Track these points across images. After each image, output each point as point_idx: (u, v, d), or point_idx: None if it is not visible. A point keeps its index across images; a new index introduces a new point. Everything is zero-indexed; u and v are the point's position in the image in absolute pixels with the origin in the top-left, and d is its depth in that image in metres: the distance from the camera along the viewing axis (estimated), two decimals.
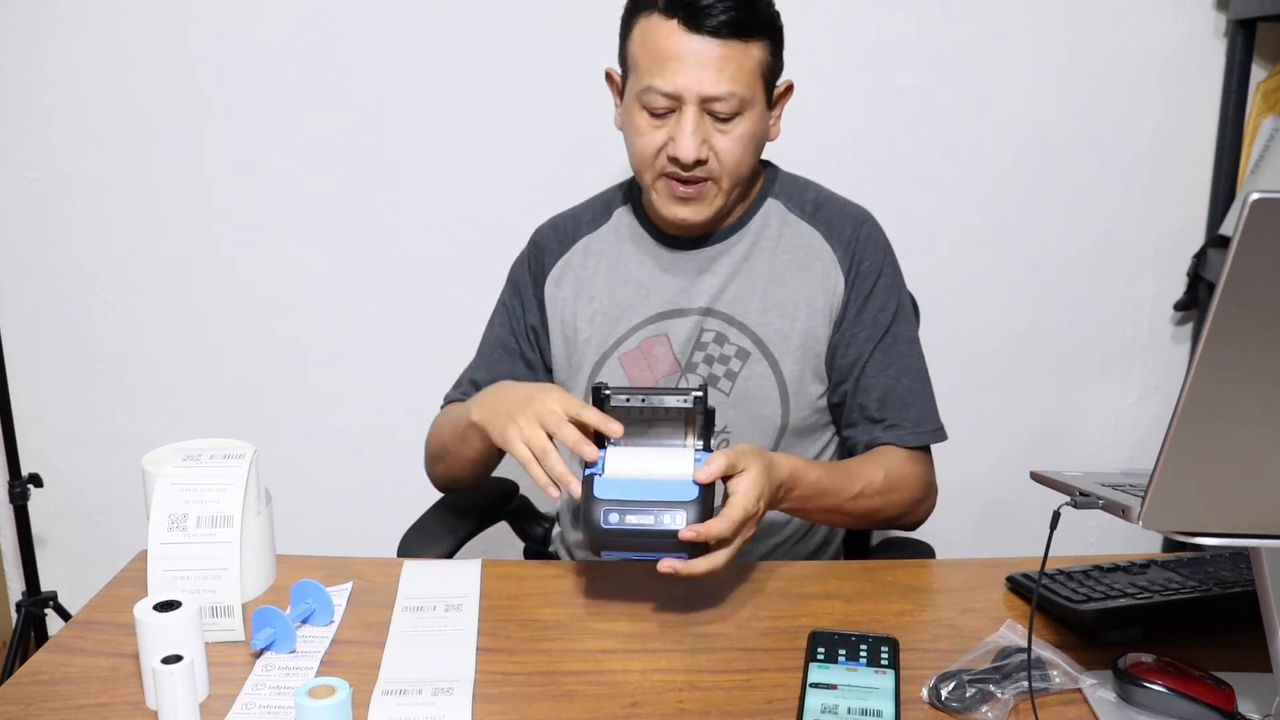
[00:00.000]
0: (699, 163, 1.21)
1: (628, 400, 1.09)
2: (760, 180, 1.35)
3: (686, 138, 1.19)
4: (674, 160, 1.21)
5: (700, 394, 1.08)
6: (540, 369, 1.40)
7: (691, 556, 1.01)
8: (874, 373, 1.30)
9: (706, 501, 1.02)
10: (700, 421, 1.10)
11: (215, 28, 1.91)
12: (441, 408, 1.41)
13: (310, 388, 2.08)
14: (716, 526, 1.00)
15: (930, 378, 1.35)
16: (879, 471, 1.24)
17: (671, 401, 1.09)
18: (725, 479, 1.05)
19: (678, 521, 1.00)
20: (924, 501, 1.31)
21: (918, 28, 1.93)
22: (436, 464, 1.36)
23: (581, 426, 1.06)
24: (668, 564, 1.01)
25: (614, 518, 1.01)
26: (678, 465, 1.05)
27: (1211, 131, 1.99)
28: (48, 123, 1.96)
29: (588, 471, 1.05)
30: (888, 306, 1.31)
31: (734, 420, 1.31)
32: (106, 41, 1.92)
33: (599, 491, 1.03)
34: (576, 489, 1.04)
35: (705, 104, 1.19)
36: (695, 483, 1.03)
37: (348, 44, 1.93)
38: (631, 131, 1.24)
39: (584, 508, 1.03)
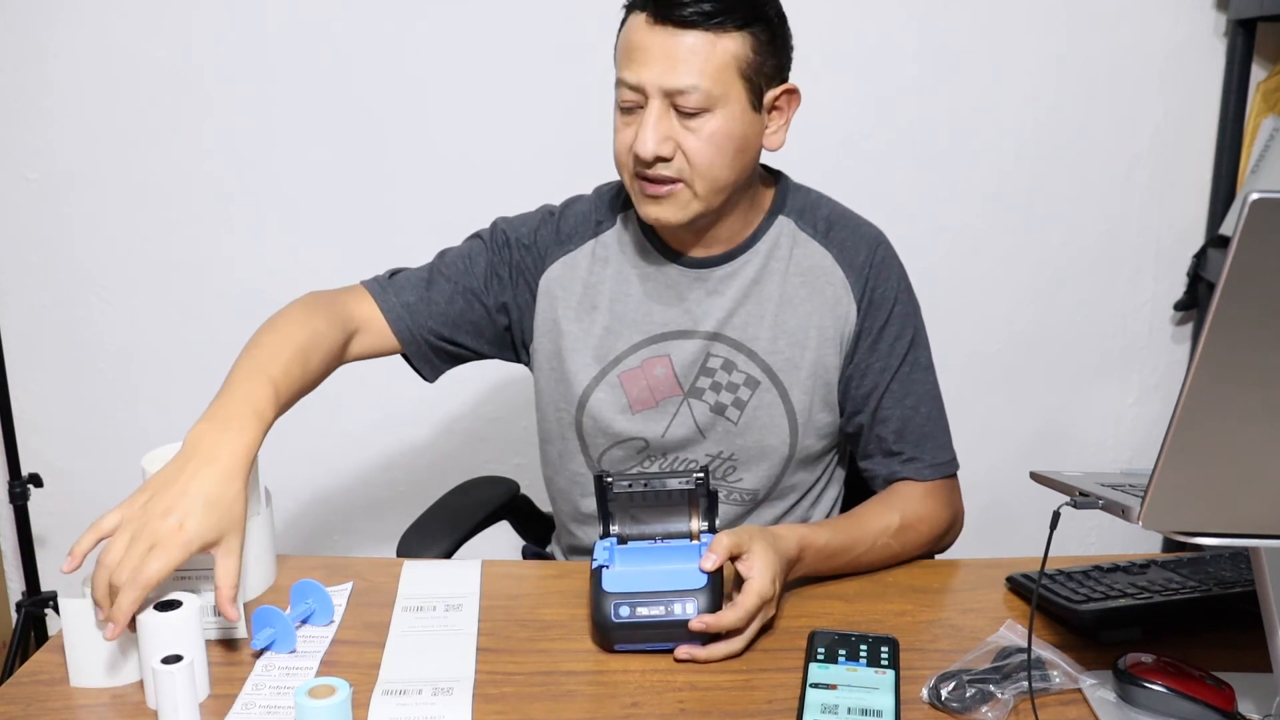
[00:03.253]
0: (661, 160, 1.16)
1: (630, 486, 1.09)
2: (770, 195, 1.30)
3: (646, 131, 1.14)
4: (637, 158, 1.17)
5: (701, 476, 1.09)
6: (487, 333, 1.32)
7: (706, 643, 1.01)
8: (891, 404, 1.27)
9: (716, 587, 1.02)
10: (704, 504, 1.10)
11: (215, 28, 1.91)
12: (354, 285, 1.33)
13: None
14: (728, 617, 1.00)
15: (944, 403, 1.32)
16: (894, 516, 1.21)
17: (674, 484, 1.09)
18: (733, 558, 1.04)
19: (689, 611, 1.00)
20: (948, 533, 1.28)
21: (918, 28, 1.93)
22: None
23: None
24: (685, 650, 1.00)
25: (625, 611, 1.00)
26: (683, 555, 1.05)
27: (1211, 131, 1.99)
28: (48, 123, 1.96)
29: (595, 565, 1.05)
30: (904, 335, 1.27)
31: (741, 449, 1.27)
32: (107, 42, 1.91)
33: (608, 585, 1.02)
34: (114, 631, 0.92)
35: (670, 98, 1.14)
36: (702, 571, 1.03)
37: (348, 44, 1.93)
38: (614, 132, 1.21)
39: (594, 602, 1.02)
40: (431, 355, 1.32)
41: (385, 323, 1.29)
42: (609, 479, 1.09)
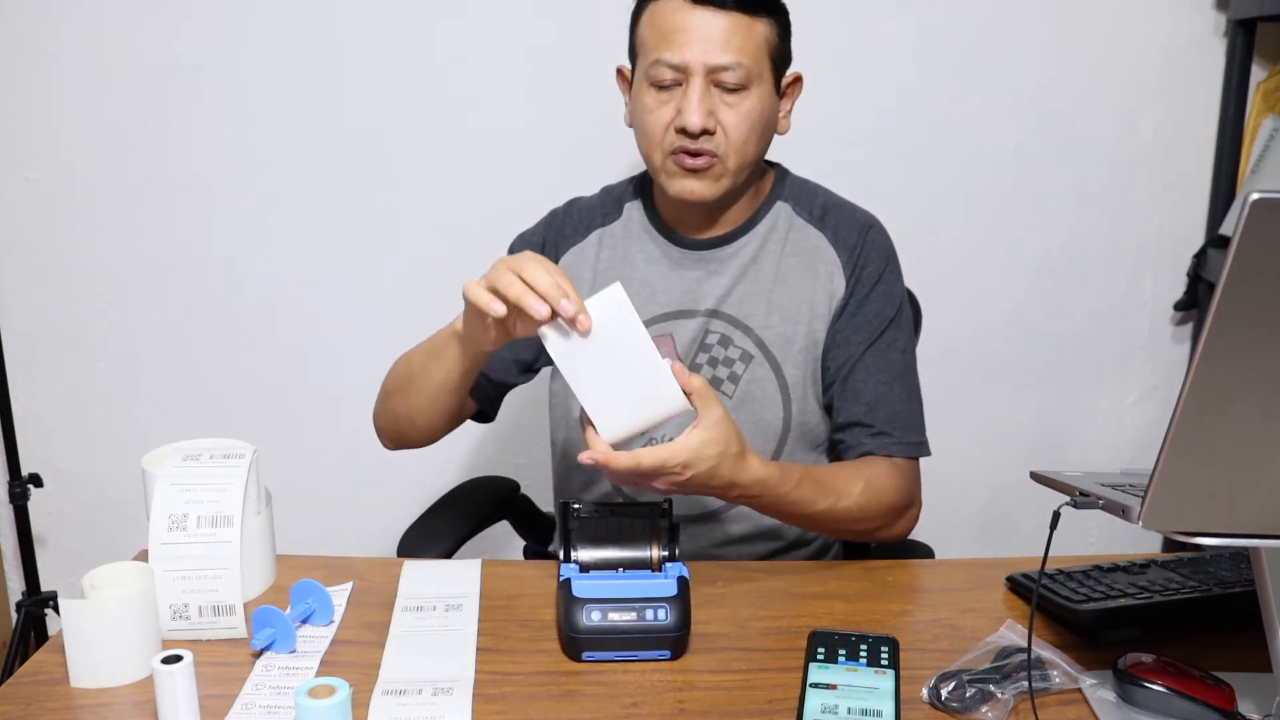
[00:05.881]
0: (706, 133, 1.20)
1: (594, 513, 1.11)
2: (770, 182, 1.35)
3: (693, 105, 1.19)
4: (681, 131, 1.20)
5: (665, 505, 1.09)
6: (534, 350, 1.35)
7: (674, 656, 1.00)
8: (863, 376, 1.28)
9: (684, 598, 1.02)
10: (665, 534, 1.10)
11: (216, 27, 1.91)
12: None
13: (310, 388, 2.08)
14: (623, 460, 1.01)
15: (921, 393, 1.32)
16: (859, 482, 1.21)
17: (637, 512, 1.11)
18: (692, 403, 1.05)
19: (660, 618, 1.00)
20: (905, 514, 1.27)
21: (918, 27, 1.93)
22: (391, 398, 1.29)
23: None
24: (588, 456, 1.02)
25: (596, 615, 1.00)
26: (646, 579, 1.04)
27: (1211, 131, 1.99)
28: (48, 123, 1.95)
29: (564, 576, 1.05)
30: (883, 312, 1.29)
31: (737, 424, 1.29)
32: (107, 42, 1.91)
33: (578, 592, 1.01)
34: (568, 307, 0.99)
35: (712, 75, 1.19)
36: (674, 580, 1.03)
37: (351, 46, 1.92)
38: (641, 112, 1.25)
39: (562, 610, 1.02)
40: (488, 389, 1.35)
41: None
42: (575, 505, 1.10)
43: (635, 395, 1.02)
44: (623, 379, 1.02)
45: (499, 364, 1.35)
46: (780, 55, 1.25)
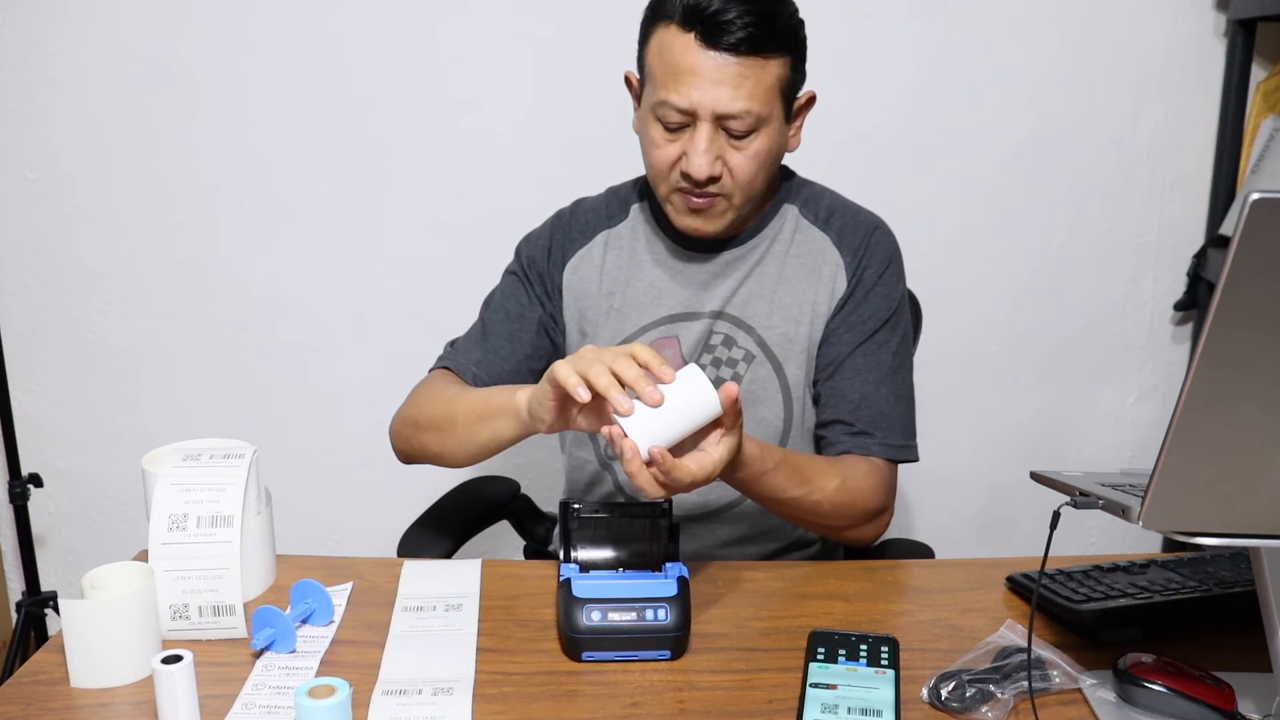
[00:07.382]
0: (712, 179, 1.20)
1: (595, 513, 1.10)
2: (778, 185, 1.34)
3: (699, 155, 1.17)
4: (686, 176, 1.20)
5: (665, 505, 1.09)
6: (548, 357, 1.36)
7: (674, 656, 1.00)
8: (850, 374, 1.27)
9: (684, 597, 1.01)
10: (665, 535, 1.09)
11: (216, 28, 1.91)
12: (431, 370, 1.36)
13: (310, 388, 2.08)
14: (685, 472, 0.97)
15: (914, 397, 1.31)
16: (835, 478, 1.19)
17: (637, 513, 1.10)
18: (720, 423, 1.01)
19: (660, 617, 0.99)
20: (877, 518, 1.25)
21: (918, 29, 1.94)
22: (424, 433, 1.25)
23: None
24: (608, 428, 0.97)
25: (596, 615, 1.00)
26: (646, 578, 1.04)
27: (1211, 131, 2.00)
28: (48, 123, 1.96)
29: (564, 576, 1.04)
30: (879, 313, 1.28)
31: None
32: (106, 42, 1.92)
33: (579, 592, 1.01)
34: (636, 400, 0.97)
35: (720, 121, 1.17)
36: (674, 580, 1.03)
37: (351, 46, 1.93)
38: (646, 142, 1.23)
39: (562, 611, 1.01)
40: None
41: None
42: (575, 506, 1.10)
43: (677, 415, 0.99)
44: (670, 412, 0.99)
45: (516, 379, 1.33)
46: (792, 87, 1.21)
